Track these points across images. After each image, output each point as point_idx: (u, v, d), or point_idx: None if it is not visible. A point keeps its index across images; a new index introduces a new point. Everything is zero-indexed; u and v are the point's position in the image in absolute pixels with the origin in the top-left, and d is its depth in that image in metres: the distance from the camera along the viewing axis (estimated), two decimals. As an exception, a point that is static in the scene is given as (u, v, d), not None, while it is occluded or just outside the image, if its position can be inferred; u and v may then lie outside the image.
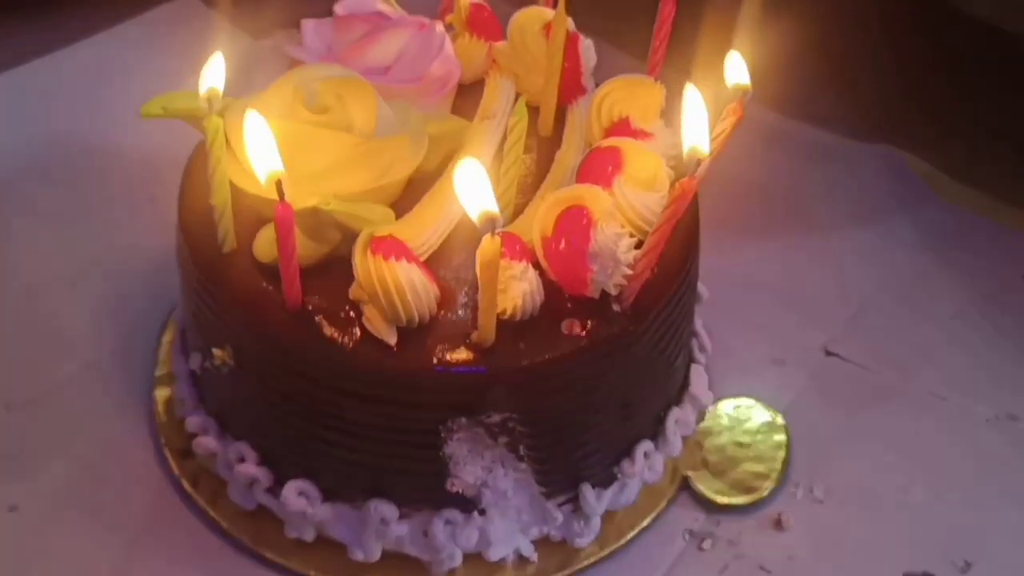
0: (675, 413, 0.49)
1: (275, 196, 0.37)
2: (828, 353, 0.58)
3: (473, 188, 0.36)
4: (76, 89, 0.67)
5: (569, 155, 0.47)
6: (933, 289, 0.62)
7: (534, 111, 0.50)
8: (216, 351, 0.43)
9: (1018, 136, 0.71)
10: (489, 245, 0.36)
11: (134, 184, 0.62)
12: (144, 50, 0.70)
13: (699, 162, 0.39)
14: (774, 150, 0.70)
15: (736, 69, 0.43)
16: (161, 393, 0.51)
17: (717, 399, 0.53)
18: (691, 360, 0.52)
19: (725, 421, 0.53)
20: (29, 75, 0.67)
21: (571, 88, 0.50)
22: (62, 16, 0.72)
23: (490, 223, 0.36)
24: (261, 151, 0.37)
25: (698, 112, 0.40)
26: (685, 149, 0.39)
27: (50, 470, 0.49)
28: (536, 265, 0.41)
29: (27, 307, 0.55)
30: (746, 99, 0.42)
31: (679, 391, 0.51)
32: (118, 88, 0.67)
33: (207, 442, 0.46)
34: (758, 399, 0.54)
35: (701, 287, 0.54)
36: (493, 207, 0.36)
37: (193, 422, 0.47)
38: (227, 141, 0.41)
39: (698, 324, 0.53)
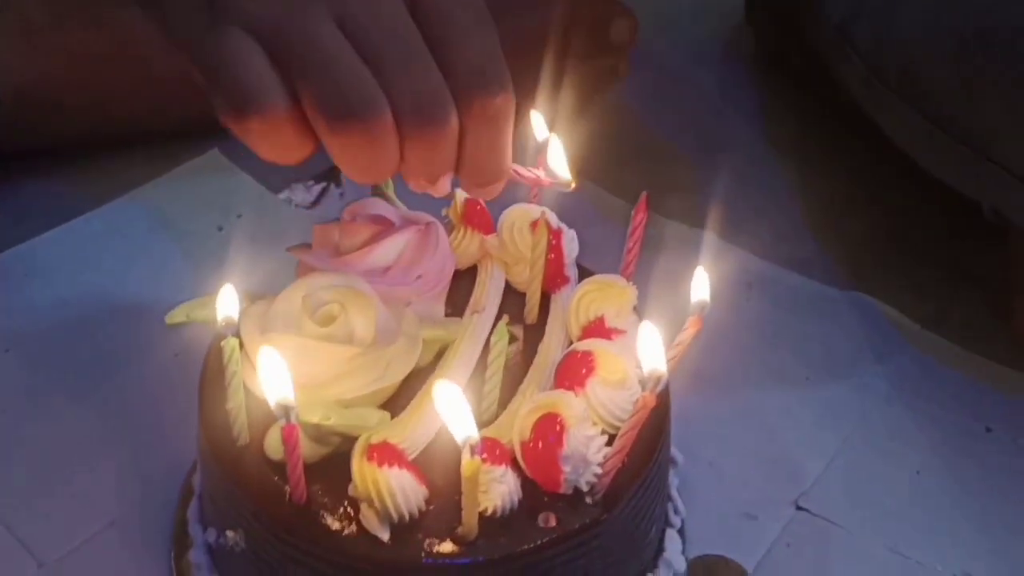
0: (649, 581, 0.53)
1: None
2: (799, 508, 0.62)
3: (454, 413, 0.41)
4: (109, 249, 0.72)
5: (551, 349, 0.52)
6: (902, 442, 0.66)
7: (522, 298, 0.56)
8: (230, 533, 0.48)
9: (987, 287, 0.76)
10: (470, 466, 0.41)
11: (157, 341, 0.67)
12: (174, 205, 0.76)
13: (658, 380, 0.44)
14: (752, 296, 0.74)
15: (699, 285, 0.48)
16: (180, 554, 0.56)
17: (689, 559, 0.57)
18: (666, 524, 0.57)
19: (698, 581, 0.57)
20: (64, 236, 0.73)
21: (555, 278, 0.56)
22: (93, 175, 0.78)
23: (472, 447, 0.41)
24: (273, 384, 0.42)
25: (653, 337, 0.45)
26: (644, 370, 0.45)
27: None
28: (515, 464, 0.46)
29: (58, 465, 0.60)
30: (704, 314, 0.47)
31: (654, 556, 0.55)
32: (148, 246, 0.73)
33: (221, 609, 0.51)
34: (727, 558, 0.58)
35: (675, 452, 0.59)
36: (474, 434, 0.41)
37: (208, 589, 0.52)
38: (241, 346, 0.47)
39: (673, 487, 0.58)
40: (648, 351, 0.45)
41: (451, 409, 0.41)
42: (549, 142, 0.51)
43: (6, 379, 0.64)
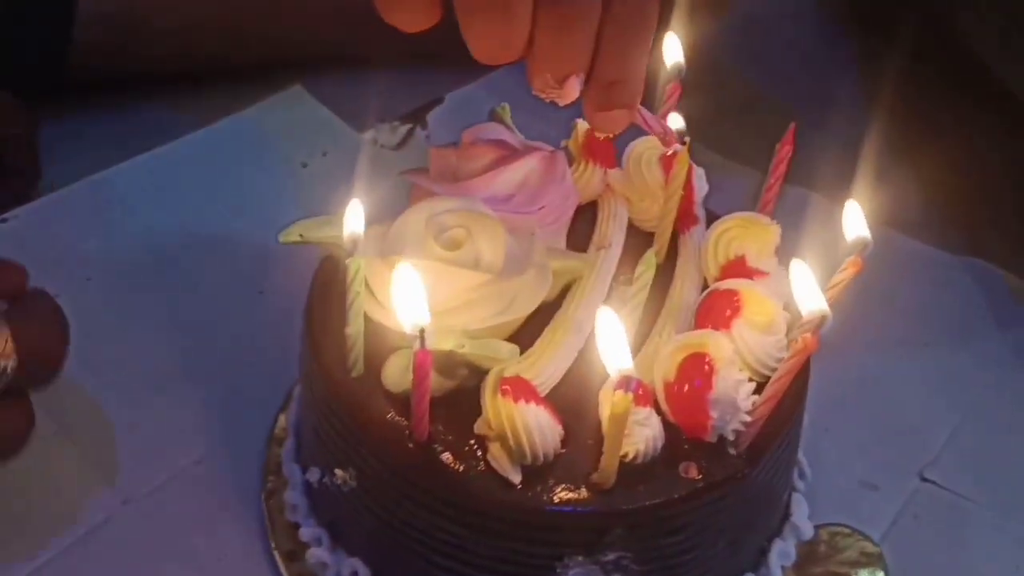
0: (778, 545, 0.49)
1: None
2: (924, 479, 0.58)
3: (611, 342, 0.37)
4: (191, 179, 0.69)
5: (684, 290, 0.48)
6: (1024, 412, 0.62)
7: (646, 237, 0.52)
8: (339, 471, 0.45)
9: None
10: (621, 402, 0.37)
11: (244, 276, 0.64)
12: (256, 140, 0.73)
13: (822, 319, 0.40)
14: (868, 260, 0.70)
15: (854, 220, 0.44)
16: (271, 495, 0.52)
17: (814, 526, 0.54)
18: (792, 488, 0.53)
19: (823, 549, 0.53)
20: (147, 165, 0.70)
21: (685, 218, 0.52)
22: (180, 104, 0.75)
23: (626, 382, 0.37)
24: (409, 303, 0.39)
25: (806, 276, 0.41)
26: (803, 310, 0.41)
27: (164, 572, 0.50)
28: (656, 408, 0.43)
29: (143, 399, 0.57)
30: (866, 252, 0.43)
31: (781, 522, 0.51)
32: (231, 178, 0.70)
33: (320, 553, 0.48)
34: (853, 528, 0.54)
35: (802, 414, 0.55)
36: (630, 366, 0.37)
37: (307, 532, 0.48)
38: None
39: (799, 451, 0.54)
40: (804, 290, 0.41)
41: (610, 336, 0.37)
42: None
43: (88, 308, 0.60)
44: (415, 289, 0.39)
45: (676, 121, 0.50)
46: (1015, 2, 0.70)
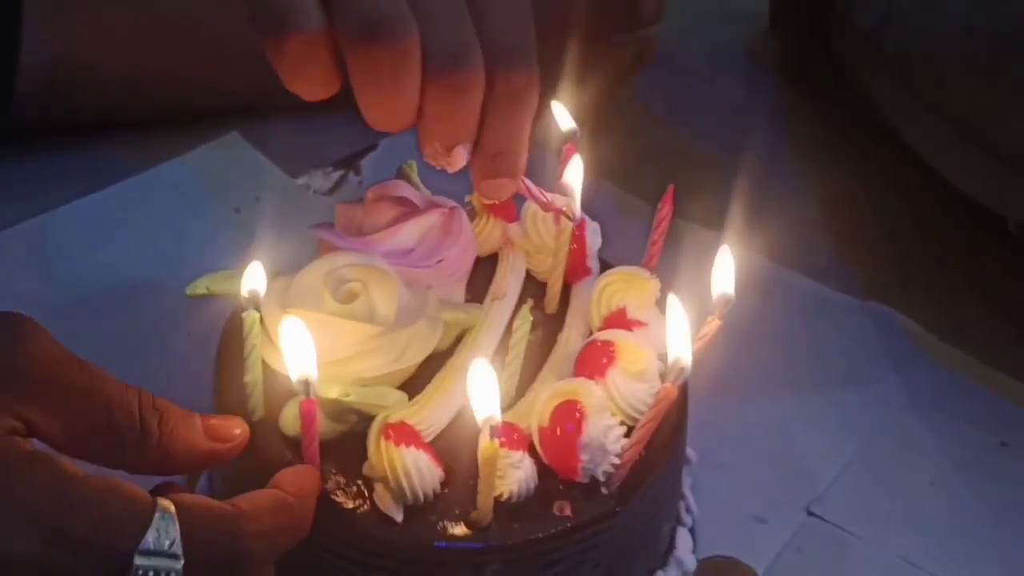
0: (659, 577, 0.53)
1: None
2: (810, 513, 0.62)
3: (481, 392, 0.41)
4: (125, 224, 0.72)
5: (571, 339, 0.52)
6: (916, 452, 0.65)
7: (542, 287, 0.55)
8: (240, 509, 0.48)
9: (1007, 301, 0.75)
10: (489, 447, 0.41)
11: (171, 321, 0.66)
12: (191, 186, 0.76)
13: (682, 369, 0.44)
14: (768, 301, 0.74)
15: (722, 274, 0.48)
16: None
17: (699, 558, 0.57)
18: (678, 522, 0.56)
19: (706, 582, 0.57)
20: (81, 210, 0.72)
21: (577, 269, 0.55)
22: (114, 151, 0.78)
23: (492, 429, 0.40)
24: (296, 356, 0.42)
25: (679, 322, 0.44)
26: (669, 358, 0.44)
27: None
28: (532, 450, 0.46)
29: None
30: (727, 308, 0.47)
31: (665, 553, 0.54)
32: (165, 224, 0.73)
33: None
34: (738, 560, 0.58)
35: (690, 451, 0.58)
36: (496, 415, 0.40)
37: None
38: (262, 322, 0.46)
39: (686, 486, 0.57)
40: (675, 336, 0.44)
41: (479, 387, 0.41)
42: (569, 166, 0.52)
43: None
44: (301, 342, 0.42)
45: (576, 163, 0.53)
46: (904, 59, 0.74)
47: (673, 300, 0.45)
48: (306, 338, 0.42)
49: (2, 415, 0.38)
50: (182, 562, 0.37)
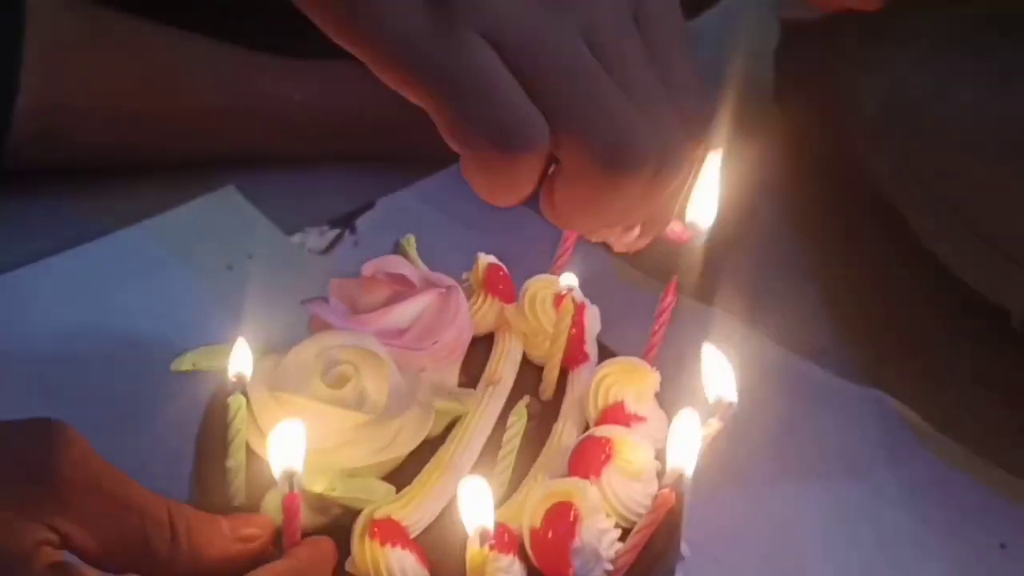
0: None
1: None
2: (808, 615, 0.60)
3: (474, 507, 0.39)
4: (113, 277, 0.70)
5: (564, 432, 0.50)
6: (915, 552, 0.64)
7: (537, 371, 0.54)
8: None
9: (1010, 392, 0.74)
10: (478, 554, 0.39)
11: (153, 380, 0.64)
12: (184, 240, 0.75)
13: (681, 477, 0.42)
14: (767, 385, 0.72)
15: (719, 378, 0.46)
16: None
17: (692, 662, 0.55)
18: (669, 622, 0.54)
19: None
20: (67, 262, 0.71)
21: (575, 354, 0.54)
22: (112, 199, 0.76)
23: (483, 538, 0.38)
24: (284, 450, 0.40)
25: (690, 434, 0.43)
26: (669, 463, 0.43)
27: None
28: (522, 551, 0.44)
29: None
30: (729, 414, 0.45)
31: (655, 656, 0.52)
32: (154, 278, 0.71)
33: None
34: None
35: (683, 546, 0.56)
36: (489, 528, 0.39)
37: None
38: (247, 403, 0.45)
39: (679, 583, 0.56)
40: (681, 445, 0.43)
41: (474, 502, 0.39)
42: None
43: (-4, 405, 0.61)
44: (293, 440, 0.40)
45: (570, 279, 0.52)
46: (910, 146, 0.73)
47: (689, 413, 0.43)
48: (299, 435, 0.41)
49: (36, 526, 0.37)
50: None
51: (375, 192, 0.82)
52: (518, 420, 0.44)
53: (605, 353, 0.55)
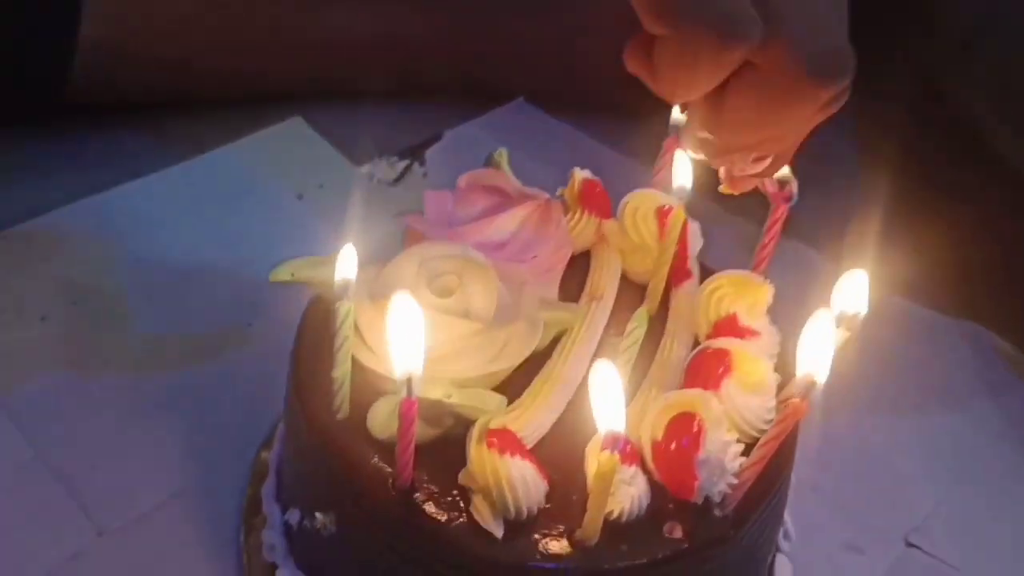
0: (760, 608, 0.49)
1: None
2: (909, 544, 0.58)
3: (605, 399, 0.37)
4: (184, 207, 0.69)
5: (674, 347, 0.48)
6: (1015, 481, 0.62)
7: (637, 289, 0.51)
8: (319, 515, 0.44)
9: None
10: (608, 462, 0.37)
11: (232, 309, 0.63)
12: (253, 170, 0.73)
13: (811, 385, 0.40)
14: (863, 320, 0.70)
15: (814, 352, 0.42)
16: (249, 532, 0.52)
17: (798, 589, 0.53)
18: (776, 549, 0.52)
19: (804, 614, 0.53)
20: (138, 192, 0.69)
21: (678, 272, 0.51)
22: (176, 132, 0.75)
23: (613, 441, 0.36)
24: (404, 346, 0.38)
25: (823, 339, 0.40)
26: (799, 372, 0.40)
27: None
28: (643, 466, 0.42)
29: (123, 427, 0.56)
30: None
31: (763, 582, 0.50)
32: (225, 208, 0.69)
33: (296, 596, 0.47)
34: (837, 592, 0.54)
35: (789, 473, 0.54)
36: (621, 427, 0.36)
37: (284, 574, 0.48)
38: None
39: (785, 511, 0.53)
40: (812, 351, 0.40)
41: (605, 393, 0.37)
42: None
43: (73, 332, 0.60)
44: (413, 332, 0.38)
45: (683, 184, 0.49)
46: (1007, 74, 0.70)
47: (823, 314, 0.41)
48: (418, 325, 0.38)
49: None
50: None
51: (442, 124, 0.80)
52: (638, 327, 0.41)
53: (706, 273, 0.52)
